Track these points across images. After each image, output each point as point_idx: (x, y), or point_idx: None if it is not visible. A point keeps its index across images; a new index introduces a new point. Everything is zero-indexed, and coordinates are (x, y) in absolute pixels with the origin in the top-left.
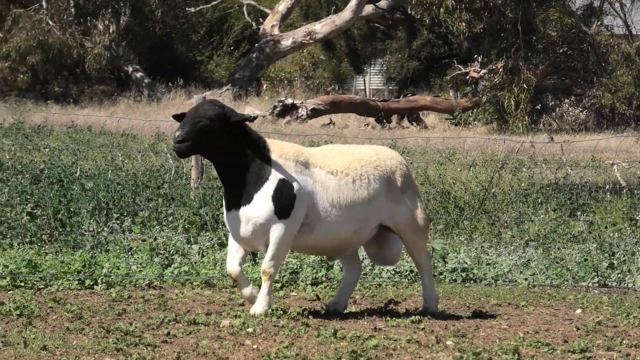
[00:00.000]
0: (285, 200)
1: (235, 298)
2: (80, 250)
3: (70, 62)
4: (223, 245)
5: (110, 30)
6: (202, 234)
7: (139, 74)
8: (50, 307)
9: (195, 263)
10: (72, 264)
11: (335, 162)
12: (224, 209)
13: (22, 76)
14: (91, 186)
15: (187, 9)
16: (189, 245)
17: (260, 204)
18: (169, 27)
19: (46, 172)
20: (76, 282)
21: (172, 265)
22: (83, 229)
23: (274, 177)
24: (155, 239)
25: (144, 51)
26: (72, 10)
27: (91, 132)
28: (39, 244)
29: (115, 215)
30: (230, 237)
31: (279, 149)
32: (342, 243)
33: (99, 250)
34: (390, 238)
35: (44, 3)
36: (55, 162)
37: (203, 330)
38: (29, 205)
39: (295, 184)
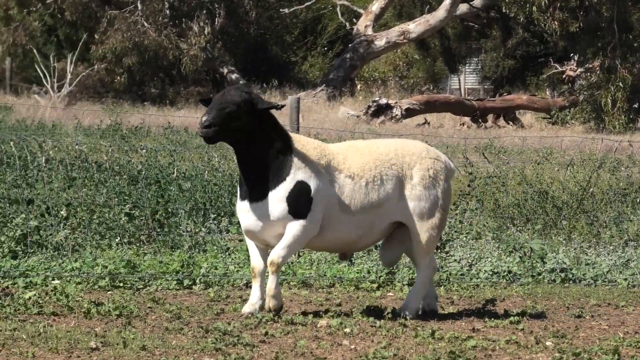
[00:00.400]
0: (301, 202)
1: (332, 298)
2: (179, 250)
3: (166, 64)
4: None
5: (206, 32)
6: None
7: (234, 75)
8: (149, 307)
9: (292, 263)
10: (171, 264)
11: (353, 163)
12: (237, 199)
13: (118, 78)
14: (188, 187)
15: (281, 10)
16: None
17: (274, 204)
18: (263, 28)
19: (144, 173)
20: (175, 282)
21: None
22: (181, 230)
23: (292, 178)
24: None
25: (239, 52)
26: (167, 11)
27: (187, 133)
28: (138, 245)
29: (212, 216)
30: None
31: (303, 148)
32: (346, 245)
33: (197, 250)
34: (400, 239)
35: (139, 4)
36: (153, 163)
37: (301, 330)
38: (127, 206)
39: (313, 186)
